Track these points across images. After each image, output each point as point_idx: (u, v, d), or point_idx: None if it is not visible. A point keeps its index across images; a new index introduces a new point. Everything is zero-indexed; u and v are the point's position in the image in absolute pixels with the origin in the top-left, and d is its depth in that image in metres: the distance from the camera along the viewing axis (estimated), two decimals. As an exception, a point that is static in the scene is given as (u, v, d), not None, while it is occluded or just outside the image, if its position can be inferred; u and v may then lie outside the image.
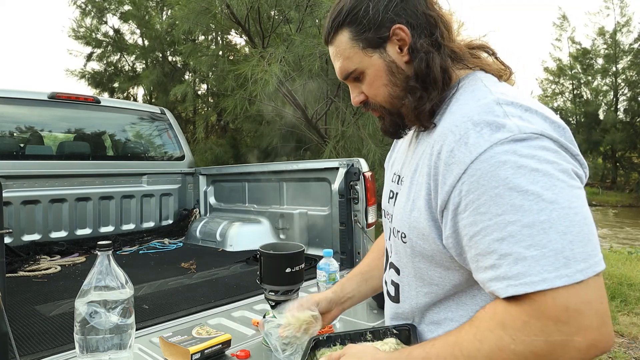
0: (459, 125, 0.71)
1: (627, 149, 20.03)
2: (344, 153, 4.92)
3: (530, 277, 0.60)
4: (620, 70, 20.43)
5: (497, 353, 0.63)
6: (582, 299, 0.59)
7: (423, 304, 0.83)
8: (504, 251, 0.62)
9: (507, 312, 0.63)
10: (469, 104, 0.74)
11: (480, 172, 0.65)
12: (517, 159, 0.63)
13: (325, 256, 1.63)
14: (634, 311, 4.01)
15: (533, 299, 0.60)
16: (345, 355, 0.78)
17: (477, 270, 0.68)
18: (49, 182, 3.07)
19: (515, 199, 0.62)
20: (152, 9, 9.73)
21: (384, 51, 0.81)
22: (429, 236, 0.75)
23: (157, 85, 9.08)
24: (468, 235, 0.68)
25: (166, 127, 3.86)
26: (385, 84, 0.82)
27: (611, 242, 9.03)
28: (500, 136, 0.65)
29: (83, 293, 1.06)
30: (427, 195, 0.74)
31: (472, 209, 0.66)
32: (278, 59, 4.50)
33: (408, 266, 0.84)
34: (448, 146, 0.70)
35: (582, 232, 0.61)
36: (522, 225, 0.61)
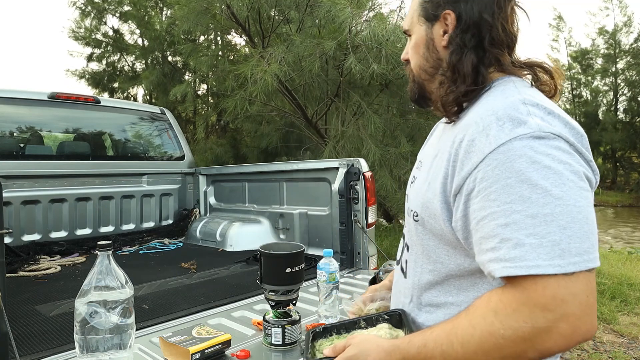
0: (483, 117, 0.75)
1: (627, 149, 20.03)
2: (343, 153, 4.92)
3: (525, 262, 0.65)
4: (620, 70, 20.43)
5: (488, 338, 0.67)
6: (570, 290, 0.63)
7: (425, 281, 0.87)
8: (506, 236, 0.67)
9: (500, 300, 0.68)
10: (496, 100, 0.78)
11: (496, 162, 0.69)
12: (533, 154, 0.68)
13: (325, 256, 1.63)
14: (634, 311, 4.01)
15: (525, 286, 0.65)
16: (351, 344, 0.81)
17: (479, 253, 0.73)
18: (49, 182, 3.07)
19: (525, 190, 0.66)
20: (151, 8, 9.73)
21: (430, 26, 0.87)
22: (440, 217, 0.80)
23: (157, 86, 9.07)
24: (476, 219, 0.72)
25: (166, 127, 3.86)
26: (420, 54, 0.90)
27: (611, 242, 9.03)
28: (520, 131, 0.70)
29: (83, 293, 1.06)
30: (444, 179, 0.78)
31: (484, 195, 0.70)
32: (278, 59, 4.50)
33: (417, 244, 0.89)
34: (470, 136, 0.75)
35: (582, 229, 0.65)
36: (526, 215, 0.66)
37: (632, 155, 20.45)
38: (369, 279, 1.94)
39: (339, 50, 4.63)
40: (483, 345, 0.68)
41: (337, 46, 4.51)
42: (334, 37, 4.48)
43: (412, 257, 0.91)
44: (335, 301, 1.62)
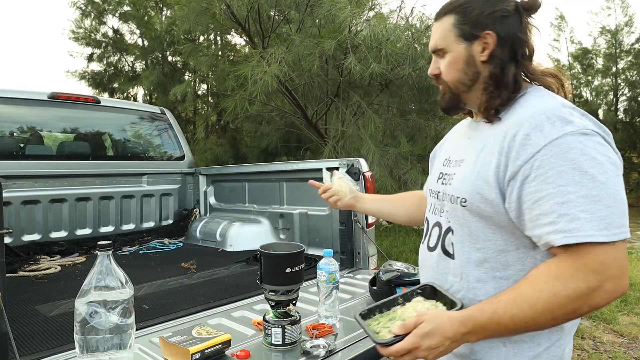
0: (533, 116, 0.90)
1: (627, 149, 20.01)
2: (343, 153, 4.92)
3: (582, 232, 0.81)
4: (621, 70, 20.42)
5: (553, 299, 0.82)
6: (612, 256, 0.81)
7: (474, 259, 0.98)
8: (563, 212, 0.82)
9: (559, 268, 0.83)
10: (539, 103, 0.94)
11: (552, 152, 0.85)
12: (582, 147, 0.84)
13: (325, 256, 1.63)
14: (634, 311, 4.01)
15: (579, 254, 0.81)
16: (425, 320, 0.87)
17: (535, 227, 0.87)
18: (49, 182, 3.07)
19: (577, 176, 0.82)
20: (151, 9, 9.72)
21: (470, 45, 1.00)
22: (493, 201, 0.92)
23: (157, 86, 9.07)
24: (532, 199, 0.86)
25: (166, 127, 3.86)
26: (459, 69, 1.02)
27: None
28: (569, 129, 0.86)
29: (83, 293, 1.06)
30: (497, 168, 0.92)
31: (540, 180, 0.85)
32: (278, 59, 4.50)
33: (463, 226, 1.00)
34: (524, 131, 0.89)
35: (620, 208, 0.83)
36: (579, 195, 0.82)
37: (632, 155, 20.44)
38: (369, 279, 1.94)
39: (339, 50, 4.63)
40: (549, 305, 0.82)
41: (337, 46, 4.51)
42: (333, 36, 4.48)
43: (458, 239, 1.02)
44: (335, 301, 1.62)
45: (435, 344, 0.85)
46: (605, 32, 20.46)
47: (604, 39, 20.72)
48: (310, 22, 5.23)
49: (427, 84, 4.90)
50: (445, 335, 0.86)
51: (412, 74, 4.70)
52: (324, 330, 1.50)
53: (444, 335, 0.86)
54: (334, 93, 5.37)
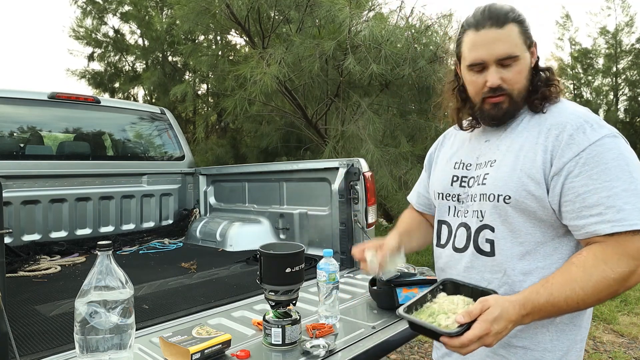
0: (574, 119, 1.00)
1: (627, 149, 20.01)
2: (343, 153, 4.92)
3: (629, 221, 0.91)
4: (621, 70, 20.42)
5: (602, 280, 0.90)
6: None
7: (517, 253, 1.03)
8: (610, 204, 0.92)
9: (604, 252, 0.92)
10: (570, 107, 1.06)
11: (595, 152, 0.95)
12: (618, 147, 0.96)
13: (325, 256, 1.63)
14: (634, 311, 4.01)
15: (621, 241, 0.91)
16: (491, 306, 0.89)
17: (577, 218, 0.96)
18: (49, 182, 3.07)
19: (619, 172, 0.93)
20: (152, 8, 9.72)
21: (529, 53, 1.08)
22: (539, 196, 1.00)
23: (157, 86, 9.06)
24: (577, 193, 0.96)
25: (166, 127, 3.86)
26: (526, 76, 1.08)
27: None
28: (605, 132, 0.98)
29: (83, 293, 1.06)
30: (543, 165, 1.00)
31: (586, 175, 0.95)
32: (277, 60, 4.50)
33: (505, 222, 1.05)
34: (568, 132, 0.99)
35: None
36: (621, 189, 0.92)
37: (632, 156, 20.43)
38: (369, 279, 1.94)
39: (339, 51, 4.63)
40: (598, 286, 0.90)
41: (337, 46, 4.51)
42: (333, 37, 4.48)
43: (500, 235, 1.06)
44: (335, 301, 1.62)
45: (502, 327, 0.88)
46: (605, 32, 20.45)
47: (604, 39, 20.72)
48: (310, 23, 5.23)
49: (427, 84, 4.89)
50: (510, 319, 0.89)
51: (412, 74, 4.70)
52: (324, 330, 1.50)
53: (509, 319, 0.89)
54: (333, 93, 5.37)
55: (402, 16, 5.12)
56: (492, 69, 1.06)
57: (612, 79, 20.69)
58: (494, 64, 1.05)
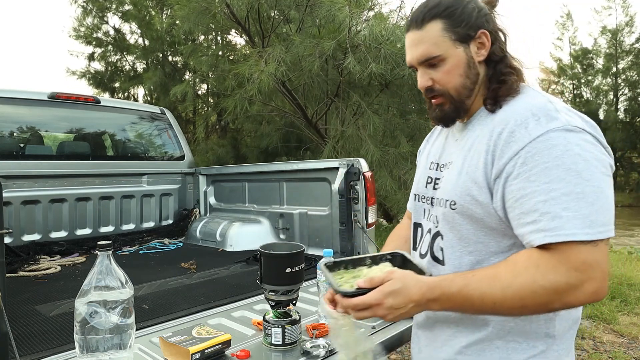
0: (520, 113, 0.89)
1: (627, 149, 20.02)
2: (343, 153, 4.92)
3: (563, 231, 0.79)
4: (621, 70, 20.41)
5: (527, 286, 0.80)
6: (595, 257, 0.79)
7: (467, 263, 0.95)
8: (545, 210, 0.80)
9: (541, 257, 0.81)
10: (525, 100, 0.93)
11: (535, 149, 0.83)
12: (566, 143, 0.82)
13: (325, 256, 1.63)
14: (634, 311, 4.01)
15: (562, 250, 0.79)
16: (393, 278, 0.85)
17: (518, 226, 0.85)
18: (49, 182, 3.07)
19: (561, 173, 0.81)
20: (152, 8, 9.72)
21: (467, 47, 0.97)
22: (483, 201, 0.91)
23: (158, 86, 9.07)
24: (515, 197, 0.85)
25: (166, 127, 3.86)
26: (461, 74, 0.98)
27: (611, 242, 9.03)
28: (554, 125, 0.84)
29: (83, 293, 1.06)
30: (484, 167, 0.90)
31: (524, 177, 0.84)
32: (276, 58, 4.50)
33: (454, 230, 0.97)
34: (510, 128, 0.88)
35: (604, 206, 0.81)
36: (562, 193, 0.80)
37: (632, 155, 20.45)
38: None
39: (339, 50, 4.63)
40: (521, 291, 0.80)
41: (337, 46, 4.51)
42: (333, 37, 4.48)
43: (448, 244, 0.99)
44: (335, 301, 1.62)
45: (398, 303, 0.83)
46: (606, 31, 20.45)
47: (604, 38, 20.72)
48: (310, 22, 5.23)
49: (427, 84, 4.88)
50: (410, 297, 0.84)
51: (412, 74, 4.70)
52: (324, 330, 1.50)
53: (409, 297, 0.84)
54: (333, 93, 5.37)
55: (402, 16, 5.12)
56: (419, 71, 1.01)
57: (612, 79, 20.70)
58: (420, 67, 1.00)
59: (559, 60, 22.40)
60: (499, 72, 0.98)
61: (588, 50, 21.38)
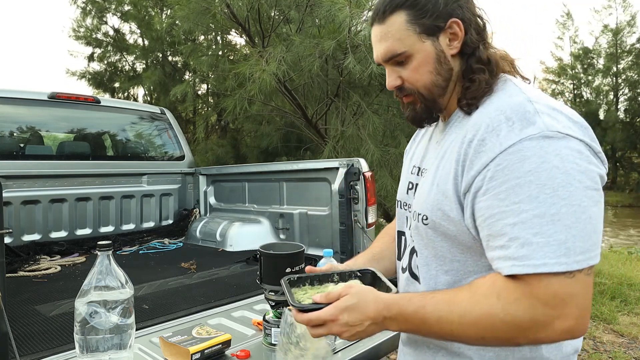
0: (492, 117, 0.77)
1: (627, 149, 20.03)
2: (343, 153, 4.92)
3: (533, 261, 0.68)
4: (622, 70, 20.41)
5: (486, 317, 0.71)
6: (569, 291, 0.68)
7: (443, 282, 0.86)
8: (514, 235, 0.70)
9: (505, 286, 0.71)
10: (502, 98, 0.81)
11: (506, 162, 0.72)
12: (543, 154, 0.70)
13: (325, 256, 1.62)
14: (634, 311, 4.01)
15: (529, 281, 0.69)
16: (350, 294, 0.80)
17: (487, 249, 0.76)
18: (49, 182, 3.07)
19: (533, 190, 0.69)
20: (152, 9, 9.72)
21: (436, 40, 0.85)
22: (455, 218, 0.80)
23: (157, 86, 9.07)
24: (483, 216, 0.75)
25: (166, 127, 3.86)
26: (431, 71, 0.86)
27: (611, 242, 9.03)
28: (529, 132, 0.72)
29: (83, 293, 1.06)
30: (455, 179, 0.80)
31: (492, 194, 0.73)
32: (277, 58, 4.50)
33: (428, 247, 0.88)
34: (480, 136, 0.77)
35: (585, 229, 0.68)
36: (534, 214, 0.69)
37: (632, 155, 20.45)
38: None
39: (339, 50, 4.63)
40: (480, 322, 0.72)
41: (337, 46, 4.50)
42: (333, 36, 4.47)
43: (423, 261, 0.90)
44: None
45: (354, 320, 0.78)
46: (607, 31, 20.45)
47: (605, 38, 20.72)
48: (310, 22, 5.23)
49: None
50: (367, 314, 0.78)
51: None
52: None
53: (365, 314, 0.78)
54: (334, 93, 5.37)
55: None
56: (387, 70, 0.91)
57: (612, 79, 20.70)
58: (387, 65, 0.90)
59: (560, 59, 22.40)
60: (469, 68, 0.86)
61: (588, 50, 21.39)
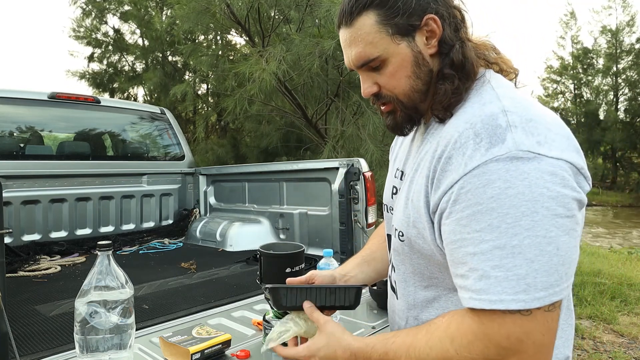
0: (461, 132, 0.71)
1: (627, 149, 20.03)
2: (343, 153, 4.92)
3: (489, 296, 0.64)
4: (621, 70, 20.41)
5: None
6: (525, 329, 0.63)
7: (422, 299, 0.84)
8: (474, 265, 0.65)
9: (458, 329, 0.68)
10: (474, 108, 0.74)
11: (470, 185, 0.66)
12: (508, 178, 0.63)
13: (325, 256, 1.62)
14: (634, 311, 4.01)
15: (483, 320, 0.65)
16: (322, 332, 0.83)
17: (452, 275, 0.72)
18: (49, 182, 3.07)
19: (495, 219, 0.64)
20: (152, 8, 9.73)
21: (412, 40, 0.77)
22: (428, 237, 0.76)
23: (158, 86, 9.08)
24: (447, 240, 0.71)
25: (166, 127, 3.86)
26: (408, 75, 0.79)
27: (611, 242, 9.03)
28: (496, 152, 0.65)
29: (83, 293, 1.06)
30: (425, 197, 0.75)
31: (455, 219, 0.68)
32: (277, 57, 4.50)
33: (406, 263, 0.85)
34: (448, 152, 0.71)
35: (550, 262, 0.63)
36: (494, 245, 0.64)
37: (632, 155, 20.45)
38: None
39: (339, 50, 4.62)
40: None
41: (337, 45, 4.50)
42: (333, 36, 4.48)
43: (401, 277, 0.87)
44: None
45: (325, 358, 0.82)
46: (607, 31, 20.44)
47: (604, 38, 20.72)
48: (310, 22, 5.23)
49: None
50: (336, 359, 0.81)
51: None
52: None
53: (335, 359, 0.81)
54: (334, 93, 5.37)
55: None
56: (361, 76, 0.83)
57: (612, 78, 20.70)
58: (360, 71, 0.82)
59: (562, 59, 22.40)
60: (441, 73, 0.78)
61: (588, 50, 21.39)
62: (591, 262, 5.60)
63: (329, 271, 1.08)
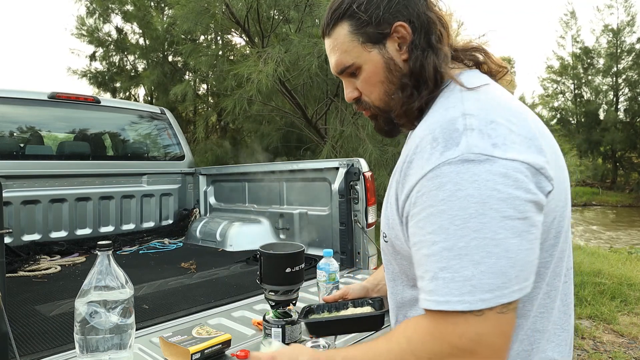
0: (422, 137, 0.72)
1: (627, 149, 20.01)
2: (342, 153, 4.92)
3: (436, 297, 0.65)
4: (622, 70, 20.40)
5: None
6: (478, 330, 0.63)
7: (409, 298, 0.85)
8: (428, 267, 0.67)
9: (415, 330, 0.70)
10: (438, 112, 0.75)
11: (425, 189, 0.68)
12: (458, 180, 0.64)
13: (325, 256, 1.63)
14: (634, 311, 4.01)
15: (437, 320, 0.66)
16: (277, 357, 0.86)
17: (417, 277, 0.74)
18: (49, 182, 3.07)
19: (445, 221, 0.65)
20: (152, 9, 9.73)
21: (383, 47, 0.81)
22: (402, 239, 0.78)
23: (158, 86, 9.07)
24: (410, 242, 0.73)
25: (166, 126, 3.86)
26: (381, 80, 0.83)
27: (611, 242, 9.03)
28: (449, 155, 0.66)
29: (83, 293, 1.06)
30: (396, 201, 0.77)
31: (415, 222, 0.70)
32: (275, 59, 4.50)
33: (392, 263, 0.87)
34: (410, 157, 0.73)
35: (497, 264, 0.62)
36: (443, 247, 0.65)
37: (632, 155, 20.44)
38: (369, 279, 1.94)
39: (339, 50, 4.63)
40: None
41: (337, 46, 4.51)
42: (333, 36, 4.48)
43: (390, 276, 0.89)
44: (335, 301, 1.62)
45: None
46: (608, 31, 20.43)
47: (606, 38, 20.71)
48: (309, 22, 5.23)
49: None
50: None
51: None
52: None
53: None
54: (333, 93, 5.37)
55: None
56: (344, 82, 0.88)
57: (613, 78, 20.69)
58: (342, 77, 0.88)
59: (562, 58, 22.38)
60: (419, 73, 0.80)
61: (589, 50, 21.37)
62: (591, 262, 5.60)
63: (360, 284, 1.15)
